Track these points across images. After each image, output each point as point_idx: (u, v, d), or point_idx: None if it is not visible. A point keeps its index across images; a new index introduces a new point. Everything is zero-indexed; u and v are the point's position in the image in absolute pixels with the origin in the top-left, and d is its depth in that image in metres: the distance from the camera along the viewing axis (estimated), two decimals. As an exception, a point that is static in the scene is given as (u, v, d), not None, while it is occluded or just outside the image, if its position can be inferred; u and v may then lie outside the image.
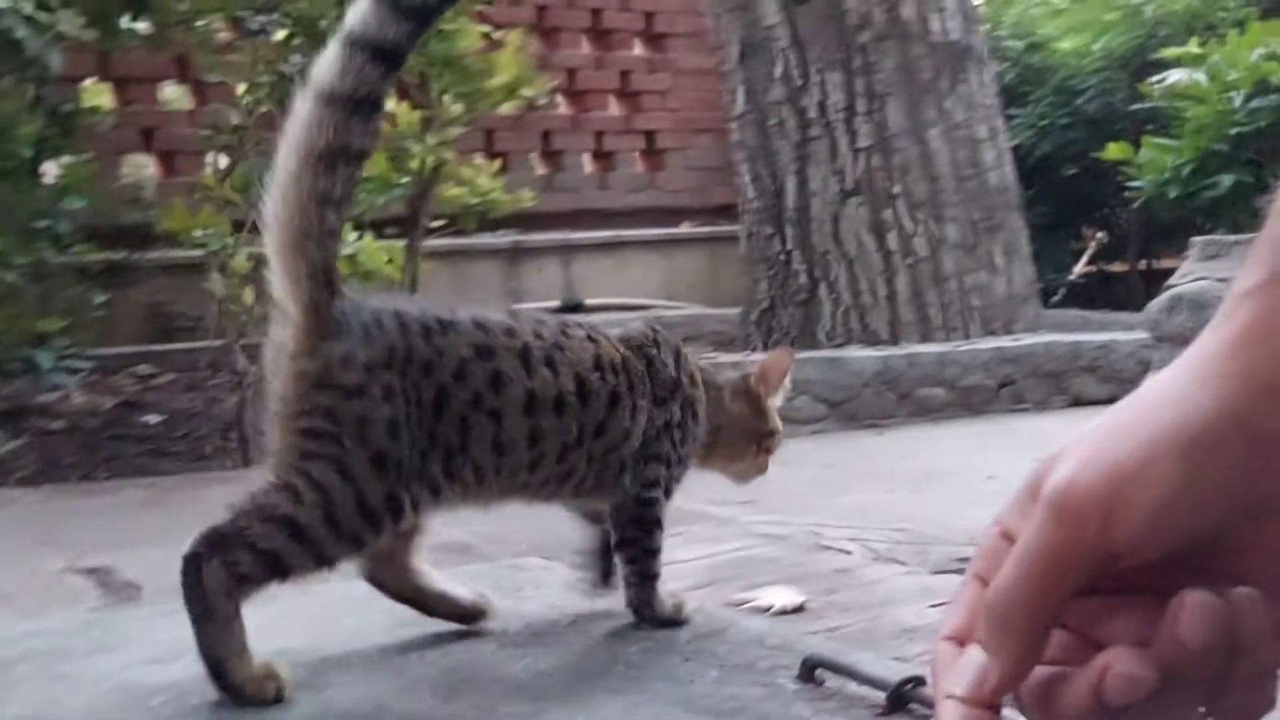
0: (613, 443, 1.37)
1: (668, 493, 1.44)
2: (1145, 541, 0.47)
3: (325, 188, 1.19)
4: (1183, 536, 0.47)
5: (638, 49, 5.97)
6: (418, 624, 1.46)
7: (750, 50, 4.35)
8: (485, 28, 3.37)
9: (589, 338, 1.36)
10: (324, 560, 1.23)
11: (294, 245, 1.20)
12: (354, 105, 1.19)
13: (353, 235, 3.79)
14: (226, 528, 1.21)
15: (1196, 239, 2.22)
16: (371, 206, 4.03)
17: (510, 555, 1.89)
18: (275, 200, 1.20)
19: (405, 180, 3.51)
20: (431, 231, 3.66)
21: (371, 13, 1.18)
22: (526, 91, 3.33)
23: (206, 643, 1.20)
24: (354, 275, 3.75)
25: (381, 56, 1.19)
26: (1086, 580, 0.47)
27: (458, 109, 3.29)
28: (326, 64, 1.19)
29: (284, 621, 1.50)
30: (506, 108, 3.47)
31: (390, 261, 3.66)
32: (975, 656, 0.49)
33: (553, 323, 1.36)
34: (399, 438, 1.21)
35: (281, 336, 1.22)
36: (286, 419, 1.21)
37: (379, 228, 4.13)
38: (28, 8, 2.56)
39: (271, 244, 1.21)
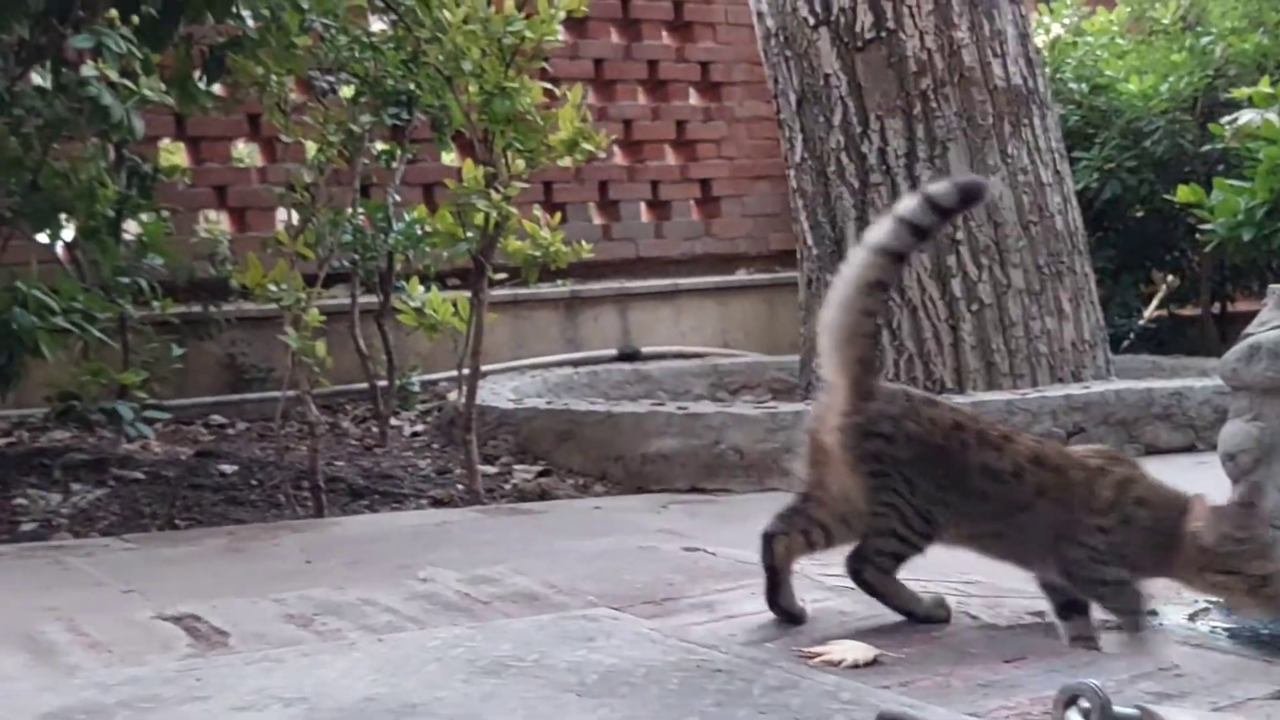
0: (1034, 522, 1.76)
1: (1107, 584, 1.78)
2: None
3: (868, 306, 1.76)
4: None
5: (693, 98, 6.03)
6: (496, 672, 1.49)
7: (808, 98, 4.38)
8: (547, 85, 3.43)
9: (1038, 441, 1.82)
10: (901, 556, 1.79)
11: (847, 341, 1.75)
12: (894, 257, 1.76)
13: (419, 289, 3.87)
14: (788, 510, 1.83)
15: (1275, 285, 2.18)
16: (437, 260, 4.12)
17: (580, 606, 1.91)
18: (835, 313, 1.76)
19: (470, 235, 3.57)
20: (493, 283, 3.72)
21: (917, 208, 1.77)
22: (586, 145, 3.38)
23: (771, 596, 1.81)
24: (421, 327, 3.83)
25: (917, 233, 1.77)
26: None
27: (520, 165, 3.35)
28: (882, 231, 1.77)
29: (367, 669, 1.53)
30: (566, 161, 3.53)
31: (456, 313, 3.72)
32: None
33: (1009, 426, 1.88)
34: (921, 472, 1.74)
35: (829, 401, 1.78)
36: (842, 455, 1.76)
37: (443, 280, 4.21)
38: (113, 74, 2.66)
39: (828, 341, 1.77)
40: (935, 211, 1.79)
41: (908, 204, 1.79)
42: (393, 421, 4.24)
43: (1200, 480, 2.13)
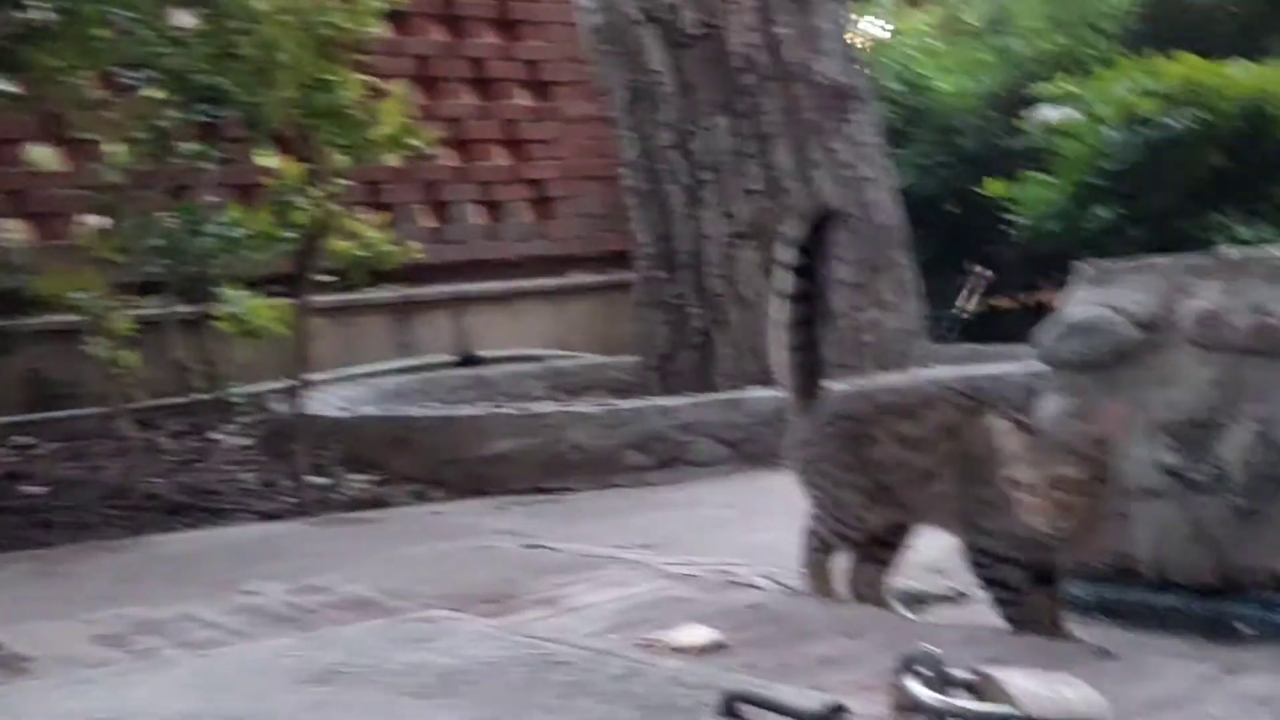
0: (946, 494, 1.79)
1: (999, 559, 1.74)
2: None
3: (794, 341, 1.98)
4: None
5: (522, 98, 5.98)
6: (326, 680, 1.41)
7: (637, 95, 4.37)
8: (367, 78, 3.33)
9: (976, 409, 1.76)
10: (830, 545, 1.90)
11: (786, 376, 1.98)
12: (795, 299, 1.97)
13: (238, 293, 3.71)
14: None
15: (1082, 264, 2.26)
16: (258, 265, 3.95)
17: (416, 609, 1.84)
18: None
19: (291, 236, 3.43)
20: (319, 287, 3.60)
21: (786, 251, 2.00)
22: (412, 141, 3.29)
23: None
24: (240, 334, 3.67)
25: (796, 271, 1.97)
26: None
27: (342, 161, 3.24)
28: (779, 279, 1.99)
29: (185, 685, 1.44)
30: (392, 159, 3.43)
31: (278, 319, 3.58)
32: None
33: (946, 390, 1.91)
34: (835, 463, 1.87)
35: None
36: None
37: (265, 285, 4.05)
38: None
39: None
40: (797, 249, 1.96)
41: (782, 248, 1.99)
42: (214, 435, 4.06)
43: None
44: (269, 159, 4.82)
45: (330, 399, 4.26)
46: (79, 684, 1.48)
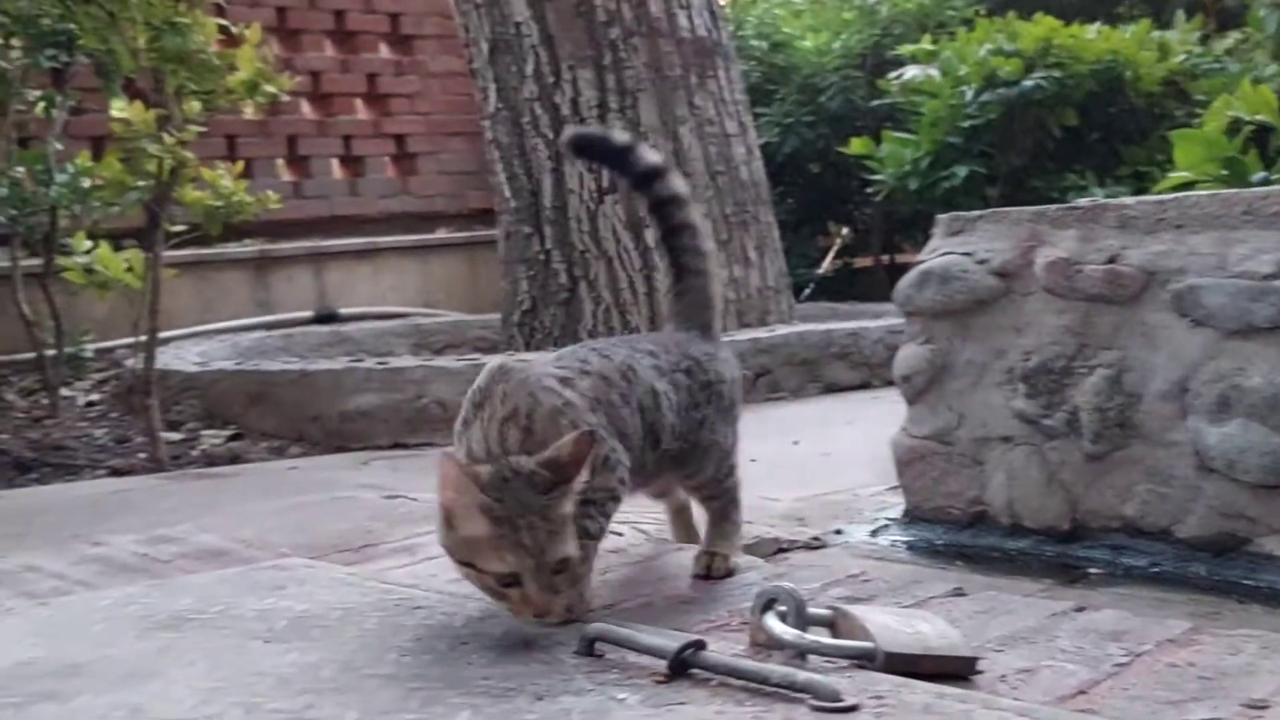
0: None
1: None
2: None
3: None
4: None
5: (384, 51, 5.86)
6: (174, 626, 1.37)
7: (500, 47, 4.32)
8: (223, 22, 3.23)
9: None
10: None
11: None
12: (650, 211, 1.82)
13: (86, 244, 3.57)
14: None
15: (941, 216, 2.29)
16: (107, 213, 3.80)
17: (271, 558, 1.80)
18: None
19: (142, 184, 3.31)
20: (175, 239, 3.48)
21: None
22: (268, 88, 3.20)
23: None
24: (90, 285, 3.54)
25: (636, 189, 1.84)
26: None
27: (196, 107, 3.14)
28: None
29: (24, 633, 1.39)
30: (248, 108, 3.33)
31: (131, 270, 3.47)
32: None
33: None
34: None
35: None
36: None
37: (118, 237, 3.90)
38: None
39: None
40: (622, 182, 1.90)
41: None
42: (65, 391, 3.92)
43: (874, 412, 2.24)
44: (121, 108, 4.66)
45: (186, 355, 4.15)
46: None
